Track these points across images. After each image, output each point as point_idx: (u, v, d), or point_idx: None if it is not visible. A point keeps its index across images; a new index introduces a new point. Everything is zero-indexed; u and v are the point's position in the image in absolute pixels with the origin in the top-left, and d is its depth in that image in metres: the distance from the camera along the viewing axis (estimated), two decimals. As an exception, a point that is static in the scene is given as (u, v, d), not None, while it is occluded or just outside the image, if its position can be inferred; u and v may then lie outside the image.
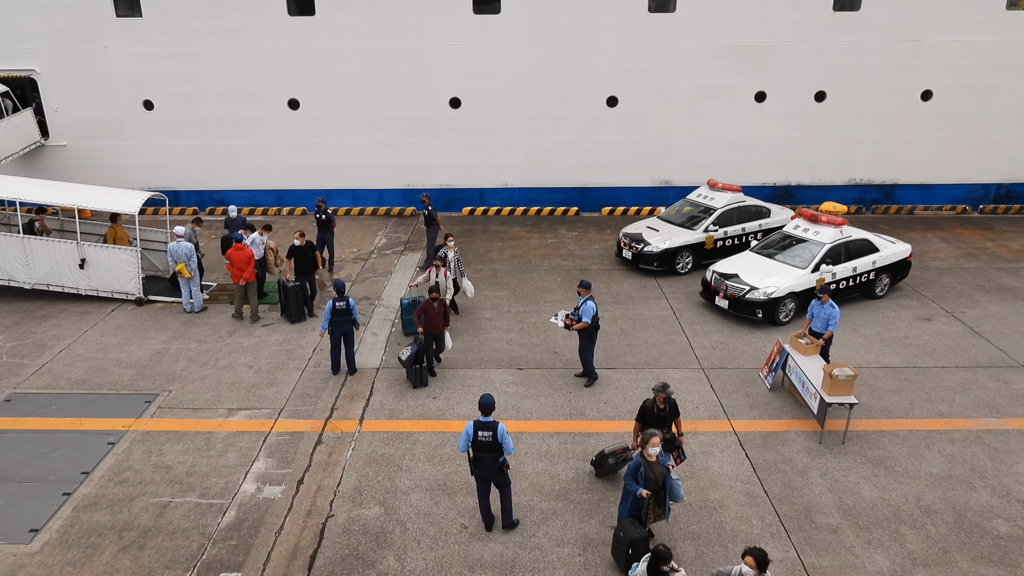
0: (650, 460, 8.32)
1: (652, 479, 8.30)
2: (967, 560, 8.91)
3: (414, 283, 14.89)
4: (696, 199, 18.69)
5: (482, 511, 9.38)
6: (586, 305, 12.34)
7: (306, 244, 15.25)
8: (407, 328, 14.54)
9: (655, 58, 21.05)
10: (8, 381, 12.86)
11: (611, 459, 10.08)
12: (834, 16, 20.72)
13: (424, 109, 21.59)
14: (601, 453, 10.23)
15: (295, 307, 15.12)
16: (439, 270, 14.03)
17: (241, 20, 20.55)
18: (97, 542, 9.15)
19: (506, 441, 8.87)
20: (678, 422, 9.56)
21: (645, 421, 9.40)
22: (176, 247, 15.24)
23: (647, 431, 8.47)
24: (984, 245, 20.02)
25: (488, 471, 9.09)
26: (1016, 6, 20.72)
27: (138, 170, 21.95)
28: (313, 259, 15.38)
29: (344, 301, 12.65)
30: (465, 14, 20.58)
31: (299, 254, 15.23)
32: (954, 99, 21.60)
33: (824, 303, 12.42)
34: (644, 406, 9.52)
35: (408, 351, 12.50)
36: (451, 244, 15.11)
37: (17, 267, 15.72)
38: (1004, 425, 11.63)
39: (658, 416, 9.34)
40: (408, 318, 14.48)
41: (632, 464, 8.41)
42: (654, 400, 9.42)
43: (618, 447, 10.15)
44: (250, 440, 11.21)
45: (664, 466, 8.38)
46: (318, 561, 8.88)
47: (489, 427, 8.84)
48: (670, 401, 9.39)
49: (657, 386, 9.44)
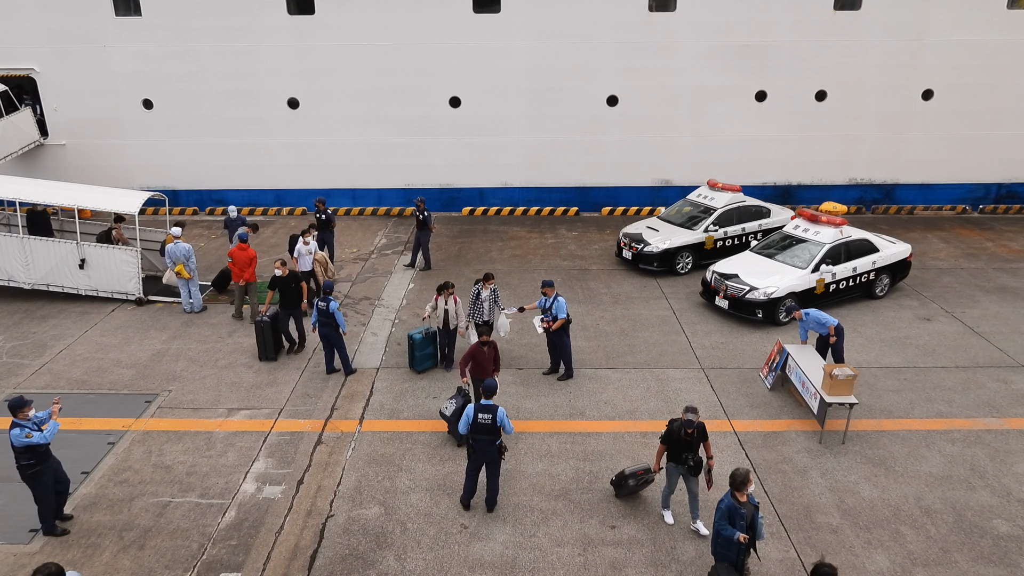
0: (742, 500, 7.74)
1: (746, 522, 7.71)
2: (967, 560, 8.90)
3: (425, 315, 12.92)
4: (696, 199, 18.69)
5: (465, 488, 9.68)
6: (558, 302, 12.47)
7: (289, 274, 13.63)
8: (419, 365, 13.04)
9: (655, 58, 21.04)
10: (8, 381, 12.86)
11: (631, 480, 9.70)
12: (835, 15, 20.71)
13: (424, 108, 21.59)
14: (621, 474, 9.83)
15: (266, 343, 13.44)
16: (448, 297, 12.62)
17: (241, 19, 20.55)
18: (97, 542, 9.14)
19: (505, 423, 9.26)
20: (707, 446, 9.15)
21: (672, 444, 9.07)
22: (174, 248, 15.23)
23: (743, 471, 7.79)
24: (984, 245, 20.01)
25: (486, 453, 9.36)
26: (1016, 5, 20.70)
27: (138, 170, 21.95)
28: (298, 291, 13.67)
29: (326, 302, 12.42)
30: (465, 13, 20.57)
31: (282, 285, 13.63)
32: (955, 99, 21.59)
33: (799, 318, 12.35)
34: (671, 428, 9.11)
35: (452, 404, 10.97)
36: (489, 284, 12.95)
37: (17, 267, 15.72)
38: (1004, 425, 11.63)
39: (685, 440, 8.99)
40: (421, 355, 12.99)
41: (724, 507, 7.74)
42: (683, 424, 8.97)
43: (639, 468, 9.72)
44: (250, 440, 11.20)
45: (753, 504, 7.85)
46: (318, 561, 8.87)
47: (489, 410, 9.19)
48: (698, 425, 8.99)
49: (692, 409, 8.92)
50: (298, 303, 13.68)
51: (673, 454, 9.09)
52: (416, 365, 13.07)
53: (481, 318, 12.83)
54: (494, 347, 11.15)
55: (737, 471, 7.78)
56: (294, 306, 13.67)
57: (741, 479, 7.72)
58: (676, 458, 9.08)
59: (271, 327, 13.42)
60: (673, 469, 9.24)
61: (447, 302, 12.59)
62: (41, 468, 8.80)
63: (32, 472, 8.75)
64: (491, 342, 11.07)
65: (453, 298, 12.63)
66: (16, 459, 8.71)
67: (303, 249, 15.36)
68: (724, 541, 7.78)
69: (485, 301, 12.88)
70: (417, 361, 13.04)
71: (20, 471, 8.80)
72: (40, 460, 8.75)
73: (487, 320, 12.82)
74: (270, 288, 13.89)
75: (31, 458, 8.68)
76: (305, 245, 15.36)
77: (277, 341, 13.65)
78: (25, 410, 8.61)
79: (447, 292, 12.60)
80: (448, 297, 12.58)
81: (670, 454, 9.13)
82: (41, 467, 8.79)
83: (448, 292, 12.59)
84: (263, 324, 13.34)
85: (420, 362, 13.06)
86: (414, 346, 12.93)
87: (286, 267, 13.63)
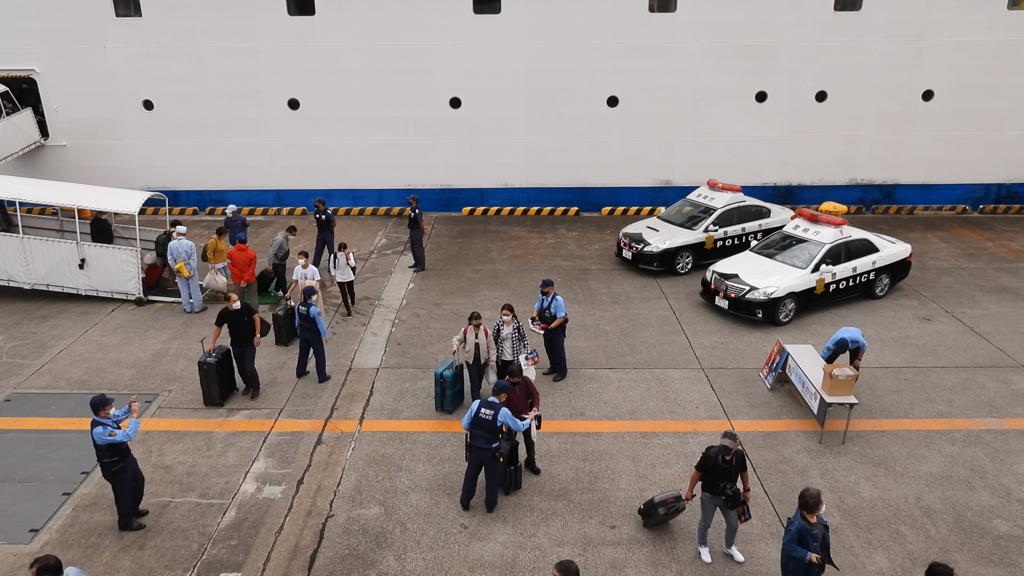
0: (812, 521, 7.36)
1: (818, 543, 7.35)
2: (967, 560, 8.90)
3: (454, 349, 11.69)
4: (696, 199, 18.69)
5: (464, 488, 9.67)
6: (556, 301, 12.44)
7: (242, 308, 11.96)
8: (449, 405, 11.81)
9: (656, 58, 21.04)
10: (8, 381, 12.87)
11: (662, 509, 9.13)
12: (835, 16, 20.71)
13: (424, 109, 21.59)
14: (650, 502, 9.28)
15: (210, 387, 11.89)
16: (477, 328, 11.43)
17: (241, 20, 20.55)
18: (97, 542, 9.15)
19: (509, 422, 9.23)
20: (744, 476, 8.66)
21: (708, 472, 8.55)
22: (176, 245, 15.24)
23: (813, 491, 7.35)
24: (984, 245, 20.01)
25: (481, 453, 9.36)
26: (1017, 6, 20.70)
27: (138, 170, 21.96)
28: (250, 325, 11.97)
29: (306, 307, 12.25)
30: (465, 14, 20.58)
31: (232, 320, 11.83)
32: (955, 99, 21.59)
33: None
34: (708, 455, 8.58)
35: None
36: (507, 318, 11.61)
37: (17, 267, 15.73)
38: (1004, 425, 11.63)
39: (724, 469, 8.46)
40: (452, 392, 11.78)
41: (795, 528, 7.35)
42: (720, 450, 8.45)
43: (669, 496, 9.17)
44: (250, 440, 11.21)
45: (823, 525, 7.48)
46: (318, 561, 8.87)
47: (492, 407, 9.22)
48: (737, 453, 8.49)
49: (730, 435, 8.42)
50: (251, 339, 12.00)
51: (709, 483, 8.59)
52: (446, 405, 11.79)
53: (501, 358, 11.62)
54: (527, 384, 10.16)
55: (808, 491, 7.36)
56: (246, 343, 11.96)
57: (813, 500, 7.29)
58: (712, 488, 8.57)
59: (216, 369, 11.78)
60: (708, 500, 8.74)
61: (477, 335, 11.43)
62: (123, 465, 9.04)
63: (115, 469, 8.97)
64: (522, 380, 10.04)
65: (483, 330, 11.47)
66: (98, 457, 8.94)
67: (306, 273, 14.27)
68: (795, 564, 7.39)
69: (506, 339, 11.59)
70: (447, 400, 11.77)
71: (103, 468, 9.02)
72: (122, 457, 8.98)
73: (508, 360, 11.54)
74: (218, 323, 11.92)
75: (113, 455, 8.89)
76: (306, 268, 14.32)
77: (226, 383, 12.12)
78: (106, 408, 8.82)
79: (476, 323, 11.43)
80: (478, 329, 11.44)
81: (705, 483, 8.64)
82: (123, 464, 9.03)
83: (477, 323, 11.43)
84: (206, 366, 11.74)
85: (451, 401, 11.81)
86: (444, 384, 11.64)
87: (237, 299, 11.95)
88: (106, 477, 9.07)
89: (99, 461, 8.97)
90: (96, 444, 8.76)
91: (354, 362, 13.60)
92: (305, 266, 14.27)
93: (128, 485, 9.16)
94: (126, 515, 9.32)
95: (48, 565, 6.43)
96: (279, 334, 14.10)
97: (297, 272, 14.28)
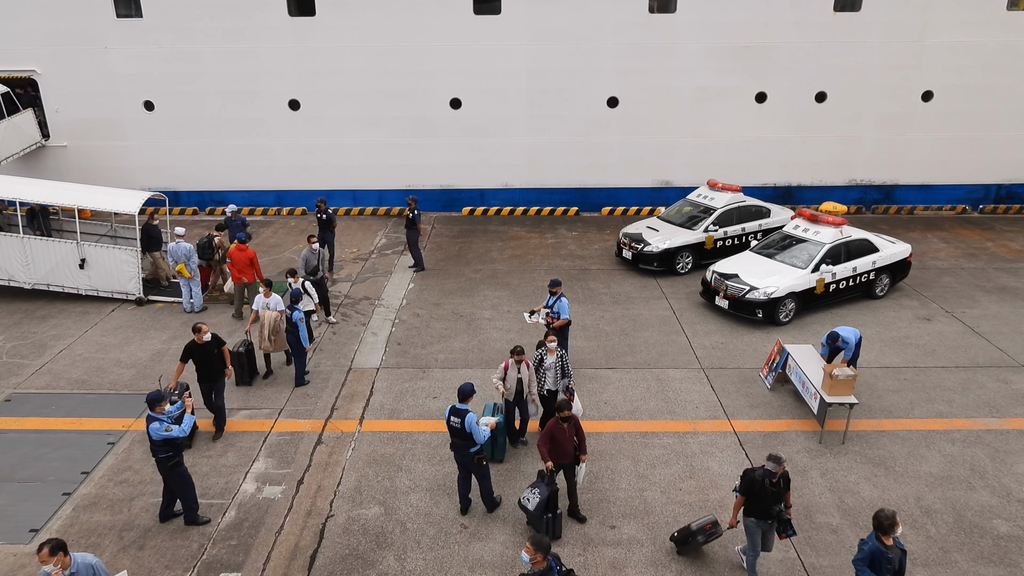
0: (888, 544, 6.98)
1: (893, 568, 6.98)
2: (967, 560, 8.90)
3: (502, 389, 10.58)
4: (696, 199, 18.69)
5: (459, 494, 9.66)
6: (561, 302, 12.45)
7: (211, 340, 10.84)
8: (499, 454, 10.70)
9: (656, 59, 21.05)
10: (8, 381, 12.87)
11: (700, 536, 8.68)
12: (835, 17, 20.71)
13: (425, 110, 21.61)
14: (687, 529, 8.79)
15: None
16: (519, 364, 10.48)
17: (241, 21, 20.57)
18: (97, 542, 9.15)
19: (475, 431, 9.05)
20: (787, 496, 8.21)
21: (753, 496, 8.02)
22: (176, 247, 15.24)
23: (889, 512, 6.96)
24: (984, 245, 20.01)
25: (463, 458, 9.33)
26: (1016, 6, 20.71)
27: (139, 170, 21.97)
28: (221, 358, 10.93)
29: (291, 311, 12.21)
30: (466, 15, 20.59)
31: (201, 354, 10.74)
32: (955, 100, 21.59)
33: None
34: (752, 477, 8.02)
35: (535, 497, 8.97)
36: (552, 346, 10.76)
37: (17, 267, 15.74)
38: (1004, 425, 11.63)
39: (773, 492, 7.98)
40: (504, 439, 10.73)
41: (868, 550, 6.99)
42: (765, 474, 8.00)
43: (707, 522, 8.72)
44: (250, 440, 11.21)
45: (901, 549, 7.09)
46: (318, 561, 8.88)
47: (459, 414, 9.12)
48: (783, 475, 8.03)
49: (775, 458, 7.98)
50: (222, 372, 11.06)
51: (755, 508, 8.08)
52: (496, 454, 10.66)
53: (544, 388, 10.82)
54: (576, 424, 9.22)
55: (883, 512, 6.93)
56: (215, 377, 10.98)
57: (889, 522, 6.86)
58: (759, 512, 8.07)
59: None
60: (755, 526, 8.18)
61: (519, 369, 10.51)
62: (179, 460, 9.13)
63: (171, 464, 9.07)
64: (572, 417, 9.16)
65: (525, 363, 10.54)
66: (154, 452, 9.03)
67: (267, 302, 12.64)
68: None
69: (549, 369, 10.80)
70: (499, 448, 10.68)
71: (159, 464, 9.10)
72: (176, 452, 9.07)
73: (551, 390, 10.81)
74: (183, 359, 10.79)
75: (169, 451, 8.99)
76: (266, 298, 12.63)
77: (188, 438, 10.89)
78: (162, 404, 8.91)
79: (518, 357, 10.49)
80: (520, 364, 10.50)
81: (750, 508, 8.13)
82: (178, 459, 9.11)
83: (519, 357, 10.48)
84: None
85: (501, 449, 10.72)
86: (496, 431, 10.37)
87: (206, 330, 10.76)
88: (162, 473, 9.18)
89: (155, 457, 9.07)
90: (152, 440, 8.87)
91: (354, 362, 13.61)
92: (267, 295, 12.58)
93: (184, 479, 9.26)
94: (191, 510, 9.40)
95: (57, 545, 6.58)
96: (240, 374, 12.58)
97: (258, 302, 12.63)
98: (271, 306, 12.61)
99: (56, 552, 6.54)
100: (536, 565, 6.66)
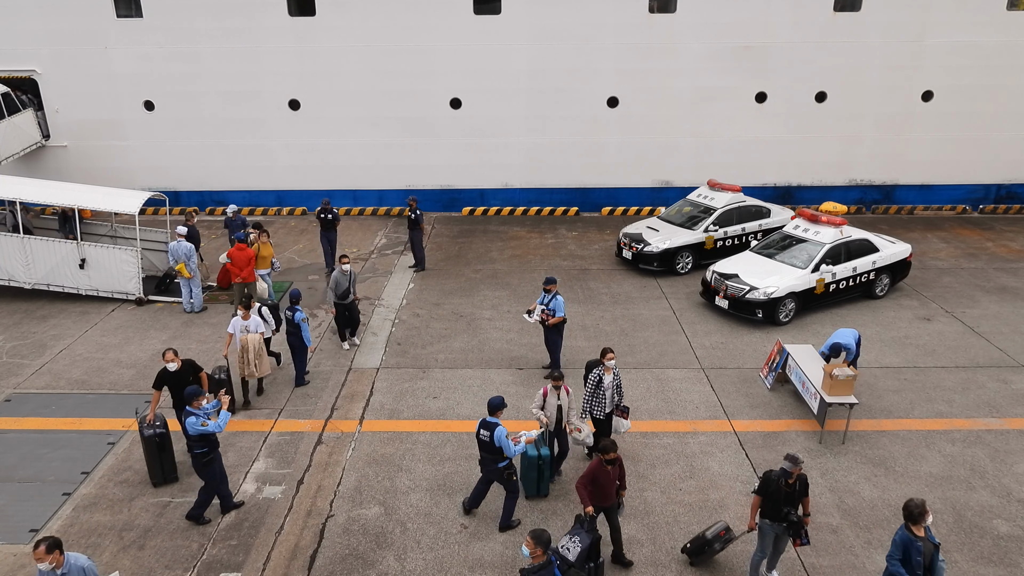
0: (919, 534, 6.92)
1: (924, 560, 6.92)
2: (967, 560, 8.90)
3: (543, 419, 9.79)
4: (696, 199, 18.69)
5: (471, 496, 9.55)
6: (557, 300, 12.46)
7: (185, 365, 10.20)
8: (544, 488, 9.88)
9: (656, 59, 21.05)
10: (8, 381, 12.87)
11: (718, 544, 8.40)
12: (835, 17, 20.71)
13: (425, 110, 21.61)
14: (701, 538, 8.52)
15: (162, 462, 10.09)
16: (558, 389, 9.75)
17: (242, 21, 20.57)
18: (97, 542, 9.15)
19: (504, 445, 8.85)
20: (806, 501, 8.12)
21: (769, 497, 7.95)
22: (176, 246, 15.25)
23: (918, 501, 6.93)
24: (984, 245, 20.01)
25: (491, 472, 9.19)
26: (1016, 7, 20.71)
27: (139, 171, 21.97)
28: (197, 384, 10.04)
29: (292, 312, 12.08)
30: (466, 15, 20.59)
31: (175, 382, 10.05)
32: (955, 100, 21.58)
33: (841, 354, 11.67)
34: (768, 478, 7.99)
35: (575, 547, 7.87)
36: (610, 364, 10.02)
37: (17, 267, 15.74)
38: (1004, 425, 11.63)
39: (786, 493, 7.91)
40: (533, 476, 9.76)
41: (899, 540, 6.92)
42: (781, 474, 7.94)
43: (720, 529, 8.46)
44: (250, 440, 11.21)
45: (933, 543, 6.99)
46: (318, 561, 8.88)
47: (488, 427, 8.97)
48: (800, 476, 7.97)
49: (792, 458, 7.87)
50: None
51: (770, 509, 8.02)
52: (542, 488, 9.88)
53: (602, 411, 10.08)
54: (620, 465, 8.44)
55: (912, 501, 6.92)
56: None
57: (918, 511, 6.84)
58: (773, 514, 8.01)
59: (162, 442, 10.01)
60: (768, 528, 8.13)
61: (559, 395, 9.79)
62: (214, 455, 9.18)
63: (206, 460, 9.14)
64: (617, 459, 8.34)
65: (565, 389, 9.84)
66: (189, 448, 9.10)
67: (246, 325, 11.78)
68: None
69: (609, 388, 10.00)
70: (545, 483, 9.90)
71: (194, 459, 9.18)
72: (212, 448, 9.13)
73: (610, 413, 10.10)
74: (156, 387, 10.17)
75: (204, 446, 9.06)
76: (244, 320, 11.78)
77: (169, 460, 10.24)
78: (199, 399, 9.00)
79: (557, 383, 9.76)
80: (559, 389, 9.79)
81: (765, 510, 8.07)
82: (213, 454, 9.17)
83: (558, 383, 9.76)
84: (153, 439, 9.92)
85: (547, 483, 9.93)
86: (543, 465, 9.72)
87: (178, 356, 10.14)
88: (196, 467, 9.25)
89: (190, 452, 9.13)
90: (188, 434, 8.92)
91: (354, 362, 13.61)
92: (246, 317, 11.77)
93: (216, 476, 9.31)
94: (202, 506, 9.44)
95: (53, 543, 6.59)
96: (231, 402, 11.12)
97: (234, 324, 11.76)
98: (251, 328, 11.77)
99: (52, 550, 6.56)
100: (536, 559, 6.67)
